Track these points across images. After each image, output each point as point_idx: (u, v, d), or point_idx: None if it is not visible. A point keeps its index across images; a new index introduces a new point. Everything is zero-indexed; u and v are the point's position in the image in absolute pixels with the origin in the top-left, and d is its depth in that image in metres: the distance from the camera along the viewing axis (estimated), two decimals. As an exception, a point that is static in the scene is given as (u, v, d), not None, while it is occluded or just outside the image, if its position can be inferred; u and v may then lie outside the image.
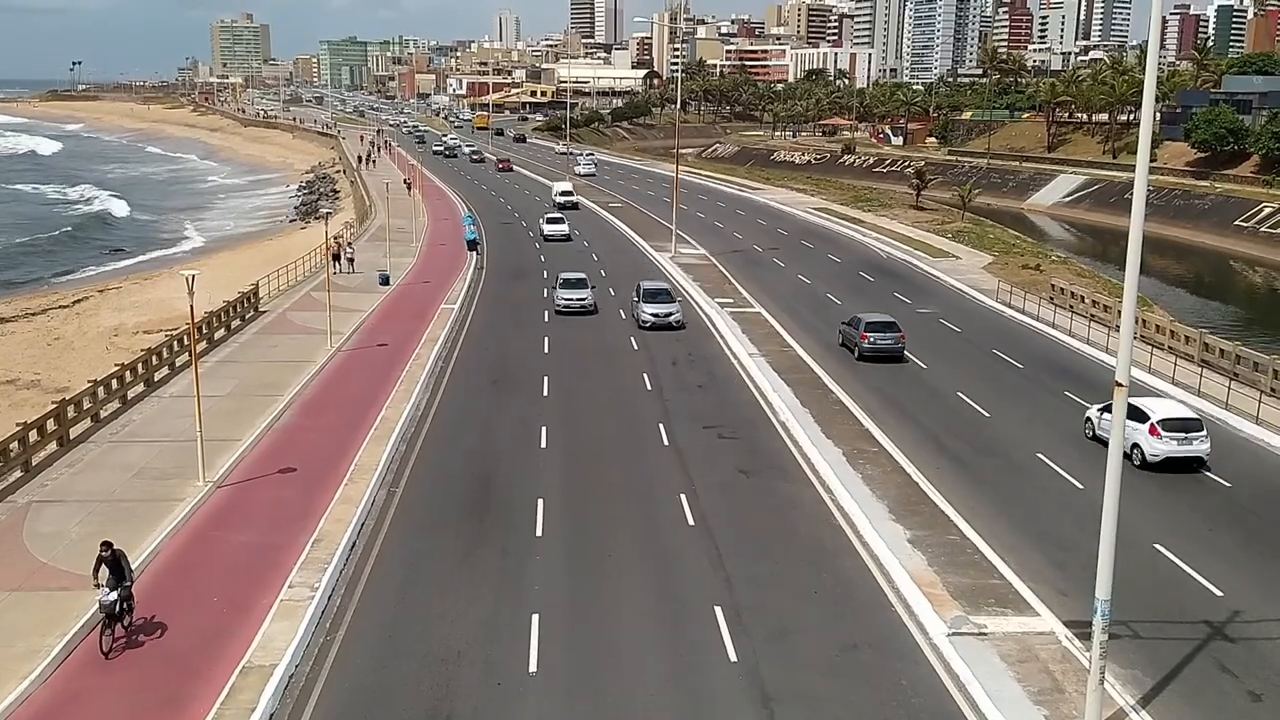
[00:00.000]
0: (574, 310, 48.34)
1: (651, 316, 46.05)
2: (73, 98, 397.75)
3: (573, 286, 49.73)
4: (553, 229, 73.67)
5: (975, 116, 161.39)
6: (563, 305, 48.66)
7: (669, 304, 47.00)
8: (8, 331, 55.26)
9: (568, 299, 48.94)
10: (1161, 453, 29.20)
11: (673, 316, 46.22)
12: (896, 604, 21.76)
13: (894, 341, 41.28)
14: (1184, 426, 29.51)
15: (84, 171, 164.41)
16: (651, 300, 46.92)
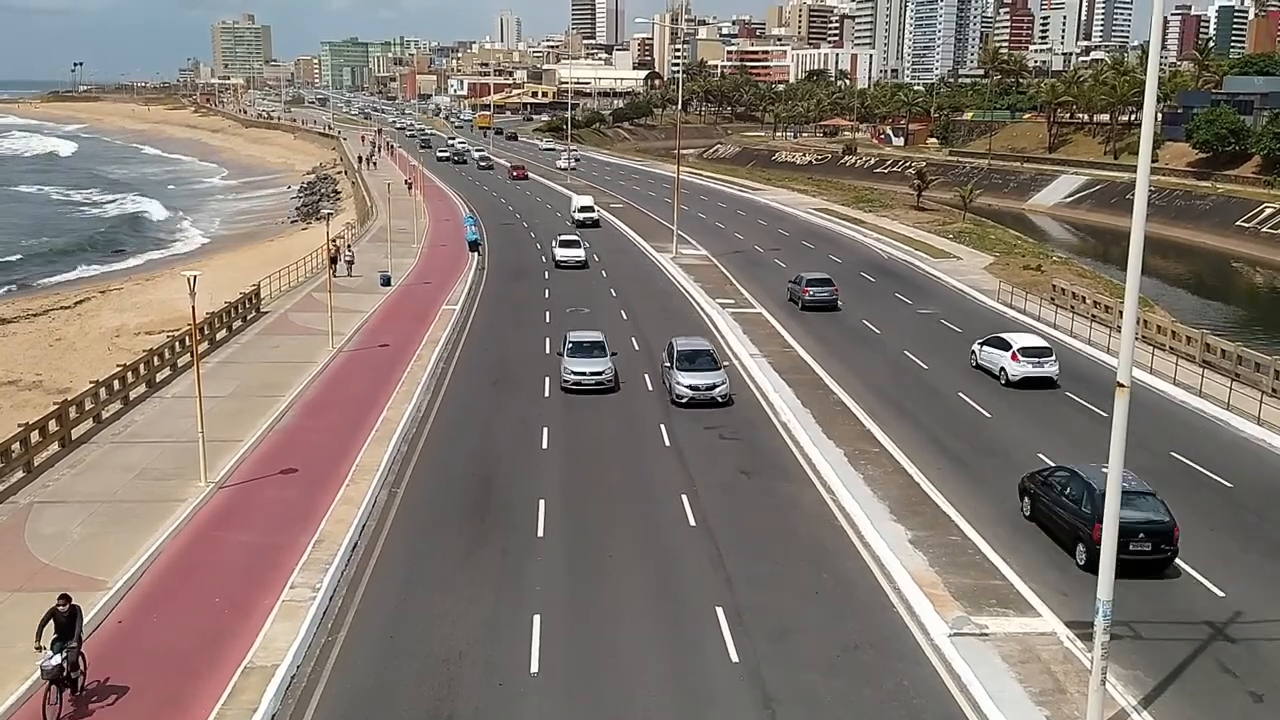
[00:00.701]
0: (586, 389, 36.01)
1: (689, 390, 34.18)
2: (74, 99, 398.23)
3: (586, 353, 36.94)
4: (566, 253, 62.34)
5: (976, 117, 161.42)
6: (572, 382, 36.07)
7: (712, 371, 34.98)
8: (10, 332, 55.29)
9: (578, 373, 36.08)
10: (1020, 373, 37.19)
11: (718, 390, 34.26)
12: (898, 604, 21.75)
13: (830, 294, 50.98)
14: (1038, 353, 37.58)
15: (105, 171, 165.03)
16: (689, 367, 34.94)
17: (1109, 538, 17.13)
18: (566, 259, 61.79)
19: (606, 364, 36.63)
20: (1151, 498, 23.39)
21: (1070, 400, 36.29)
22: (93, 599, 20.82)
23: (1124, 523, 19.04)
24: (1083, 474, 24.19)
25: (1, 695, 17.66)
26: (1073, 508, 23.87)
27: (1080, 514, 23.42)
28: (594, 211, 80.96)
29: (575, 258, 61.68)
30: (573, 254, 61.97)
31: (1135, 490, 22.88)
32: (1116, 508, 17.17)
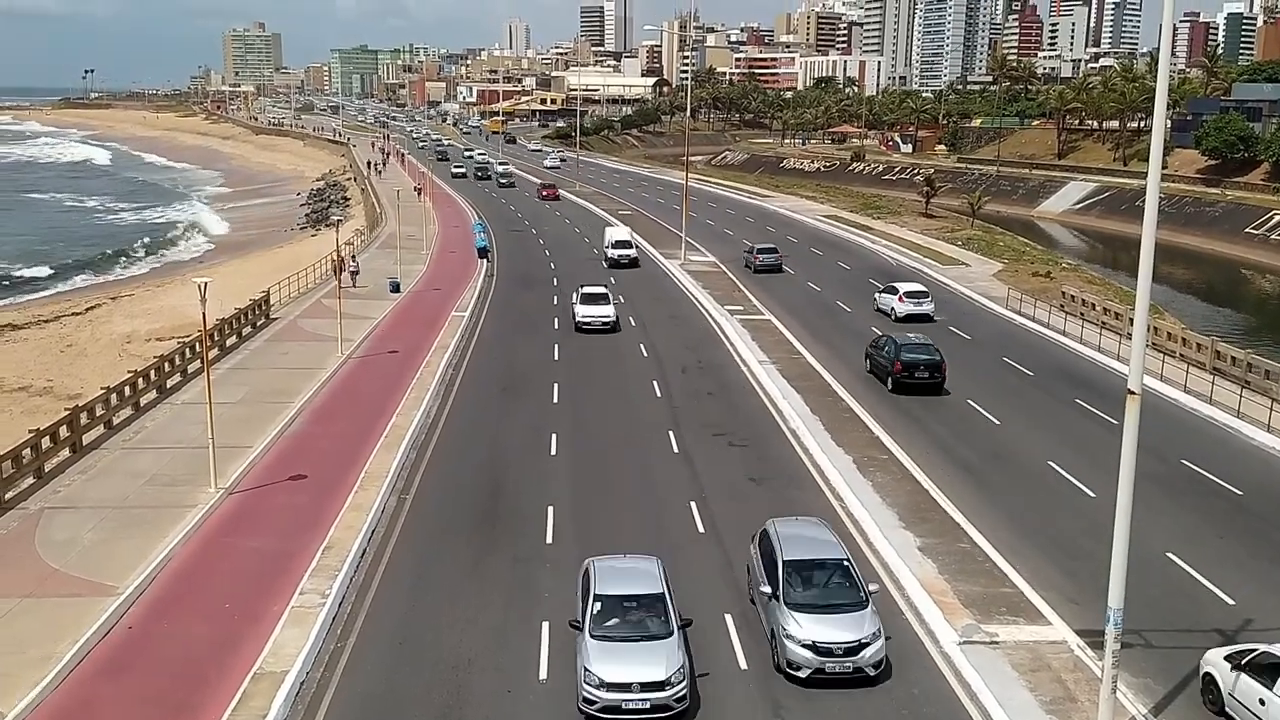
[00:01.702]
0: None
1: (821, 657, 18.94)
2: (85, 106, 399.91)
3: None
4: (590, 312, 46.68)
5: (985, 124, 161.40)
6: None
7: (859, 612, 19.55)
8: (21, 338, 55.57)
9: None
10: (904, 311, 49.07)
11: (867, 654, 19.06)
12: (907, 612, 21.71)
13: (775, 259, 64.22)
14: (917, 295, 50.17)
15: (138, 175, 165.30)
16: (820, 604, 19.66)
17: (1119, 551, 17.07)
18: (590, 319, 46.29)
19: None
20: (930, 345, 38.30)
21: (1080, 407, 36.19)
22: (103, 604, 20.90)
23: (912, 360, 37.15)
24: (895, 338, 39.16)
25: (13, 700, 17.69)
26: (886, 357, 38.19)
27: (889, 360, 37.82)
28: (633, 248, 66.71)
29: (602, 318, 46.49)
30: (598, 313, 46.63)
31: (919, 343, 38.36)
32: (1127, 525, 17.07)
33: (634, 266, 64.82)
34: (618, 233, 69.16)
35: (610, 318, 46.92)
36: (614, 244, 66.48)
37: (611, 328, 44.71)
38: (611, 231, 69.31)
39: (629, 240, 67.66)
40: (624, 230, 70.73)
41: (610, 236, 67.95)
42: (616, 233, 69.04)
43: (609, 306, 47.37)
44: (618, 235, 68.15)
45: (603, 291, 48.98)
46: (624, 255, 65.65)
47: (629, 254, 65.94)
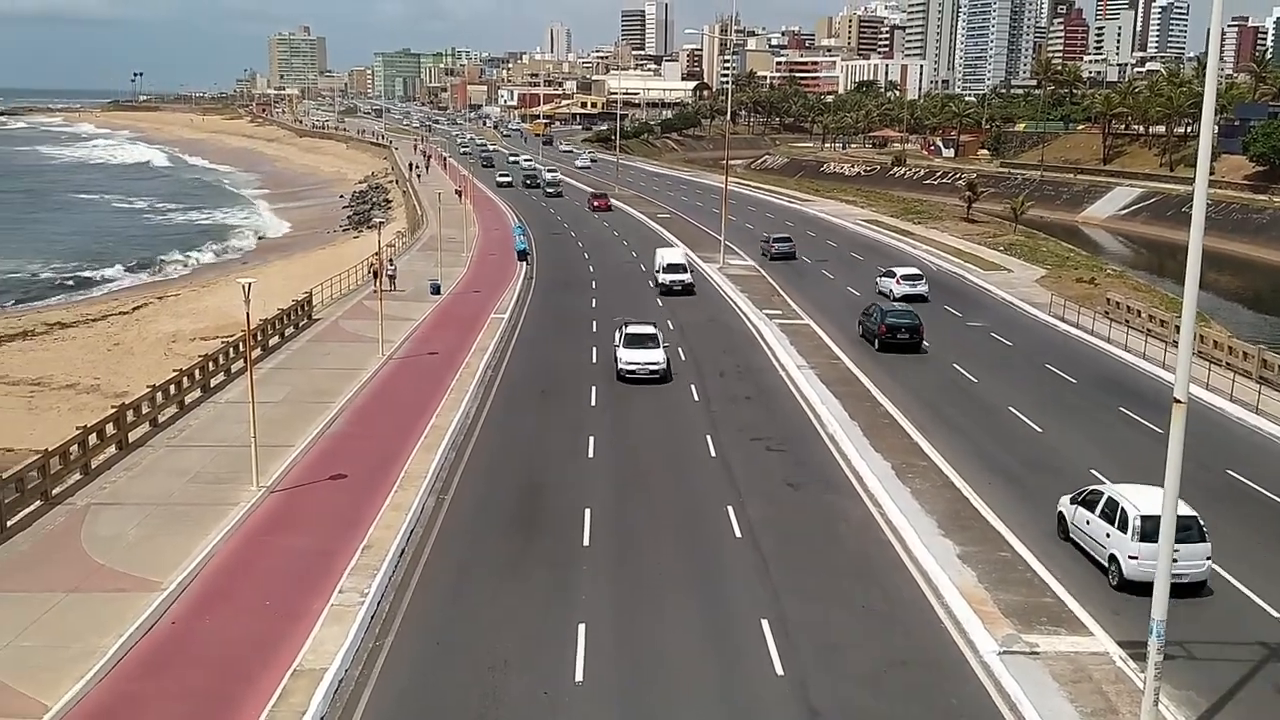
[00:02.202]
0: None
1: None
2: (134, 108, 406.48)
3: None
4: (635, 359, 38.81)
5: (1029, 128, 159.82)
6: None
7: None
8: (69, 337, 56.51)
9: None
10: (901, 292, 55.06)
11: None
12: (946, 620, 21.53)
13: (789, 248, 69.81)
14: (912, 278, 56.68)
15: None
16: None
17: (1163, 566, 16.83)
18: (635, 367, 38.58)
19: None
20: (910, 312, 46.32)
21: (1125, 416, 35.73)
22: (147, 600, 21.21)
23: (894, 324, 44.37)
24: (881, 306, 47.43)
25: (57, 693, 17.99)
26: (874, 322, 45.41)
27: (876, 325, 45.04)
28: (688, 273, 57.27)
29: (650, 365, 38.61)
30: (645, 360, 38.62)
31: (901, 310, 47.06)
32: (1171, 535, 16.83)
33: (689, 294, 55.18)
34: (671, 254, 59.02)
35: (659, 364, 38.63)
36: (666, 267, 56.96)
37: (662, 377, 37.64)
38: (664, 253, 59.19)
39: (684, 264, 57.59)
40: (678, 251, 60.31)
41: (662, 259, 58.28)
42: (669, 254, 58.95)
43: (658, 351, 39.19)
44: (671, 257, 58.32)
45: (650, 332, 40.05)
46: (678, 281, 56.03)
47: (684, 279, 56.28)
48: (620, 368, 38.68)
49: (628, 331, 40.00)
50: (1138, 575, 22.05)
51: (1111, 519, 23.26)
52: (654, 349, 39.22)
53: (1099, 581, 23.28)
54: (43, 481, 26.05)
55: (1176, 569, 20.35)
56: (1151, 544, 20.90)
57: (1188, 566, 22.02)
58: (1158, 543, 18.17)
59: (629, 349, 39.00)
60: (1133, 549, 22.36)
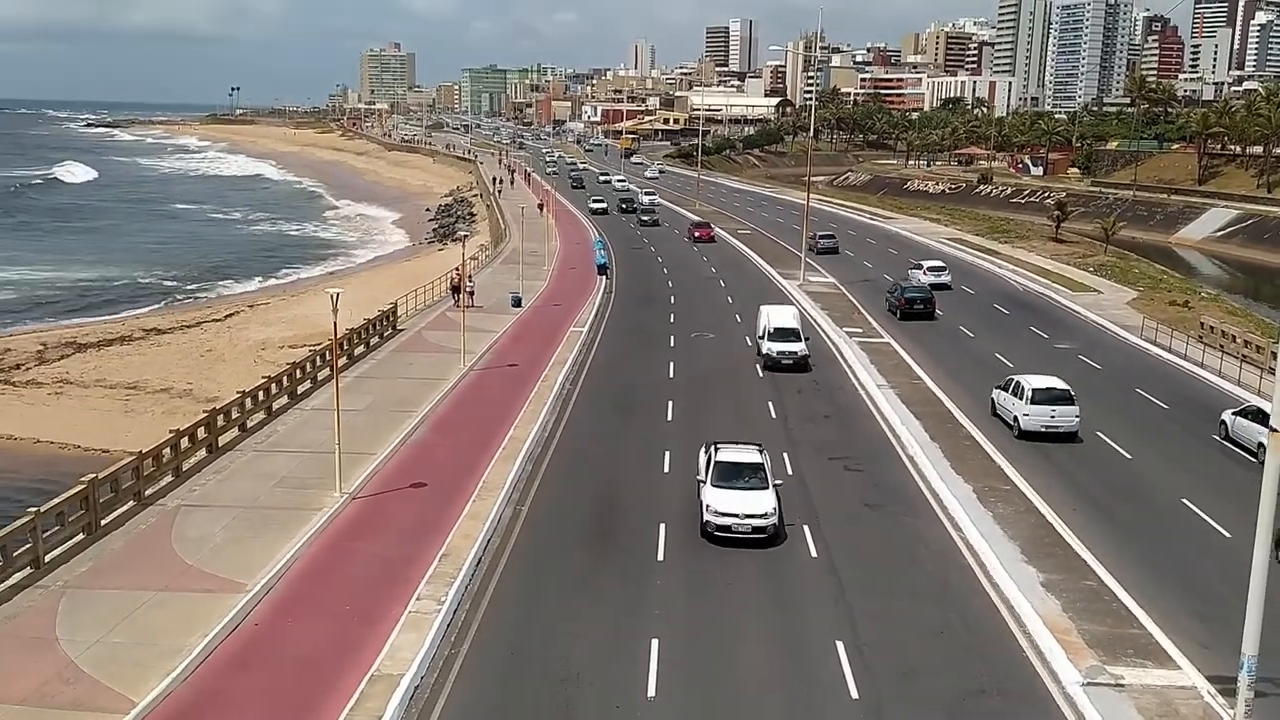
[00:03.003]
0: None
1: None
2: (231, 121, 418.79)
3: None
4: (729, 504, 25.69)
5: (1121, 147, 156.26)
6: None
7: None
8: (165, 343, 58.31)
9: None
10: (929, 281, 61.88)
11: None
12: (1028, 649, 21.05)
13: (833, 243, 79.11)
14: (937, 269, 65.81)
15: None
16: None
17: (1256, 595, 16.28)
18: (729, 519, 25.52)
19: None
20: (924, 287, 57.48)
21: (1217, 444, 34.62)
22: (232, 601, 21.73)
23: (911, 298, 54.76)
24: (900, 283, 57.96)
25: (144, 689, 18.51)
26: (896, 297, 55.73)
27: (897, 299, 55.22)
28: (801, 341, 43.45)
29: (750, 517, 25.49)
30: (742, 505, 25.61)
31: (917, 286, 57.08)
32: (1265, 567, 16.27)
33: (803, 370, 42.76)
34: (779, 314, 45.53)
35: (768, 515, 25.37)
36: (773, 333, 43.45)
37: (771, 534, 25.38)
38: (771, 313, 45.37)
39: (797, 329, 44.00)
40: (788, 311, 46.50)
41: (767, 319, 44.67)
42: (777, 314, 45.46)
43: (765, 494, 25.73)
44: (779, 318, 44.79)
45: (752, 460, 26.77)
46: (788, 354, 42.66)
47: (796, 351, 42.79)
48: (706, 520, 25.22)
49: (719, 459, 26.55)
50: (1029, 426, 34.37)
51: (1017, 393, 35.13)
52: (758, 487, 25.75)
53: (1188, 613, 22.57)
54: (136, 483, 26.88)
55: (1055, 422, 34.18)
56: (1038, 407, 34.28)
57: (1063, 421, 34.20)
58: (1042, 405, 34.12)
59: (721, 488, 25.65)
60: (1025, 409, 34.47)
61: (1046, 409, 34.29)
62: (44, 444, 41.01)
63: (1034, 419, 34.17)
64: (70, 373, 50.62)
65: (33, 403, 46.01)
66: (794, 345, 43.18)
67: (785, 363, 42.86)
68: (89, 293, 79.35)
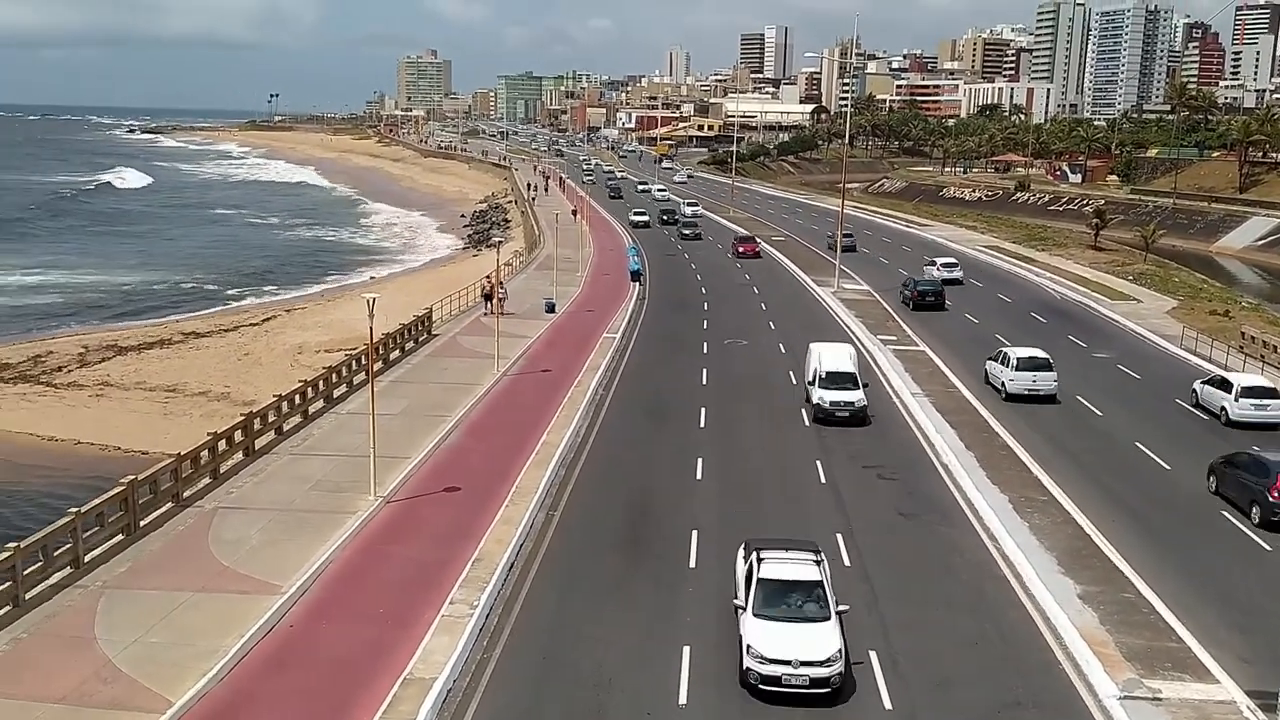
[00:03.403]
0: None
1: None
2: (269, 128, 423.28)
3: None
4: (782, 654, 19.17)
5: (1161, 154, 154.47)
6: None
7: None
8: (203, 346, 58.97)
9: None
10: (942, 277, 66.87)
11: None
12: (1064, 661, 20.82)
13: (851, 241, 77.48)
14: (950, 265, 70.52)
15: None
16: None
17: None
18: (779, 665, 19.25)
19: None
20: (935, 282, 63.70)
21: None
22: (268, 603, 21.94)
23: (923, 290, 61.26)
24: (914, 278, 63.43)
25: (181, 689, 18.70)
26: (910, 289, 61.42)
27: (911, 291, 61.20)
28: (859, 388, 36.99)
29: (809, 664, 19.19)
30: (799, 649, 19.33)
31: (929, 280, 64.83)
32: None
33: (862, 423, 36.28)
34: (832, 355, 38.33)
35: (831, 660, 19.39)
36: (826, 377, 36.89)
37: (830, 689, 19.40)
38: (822, 353, 38.33)
39: (854, 373, 37.40)
40: (844, 352, 39.14)
41: (819, 361, 37.75)
42: (830, 355, 38.25)
43: (825, 633, 19.83)
44: (833, 360, 37.79)
45: (808, 577, 20.98)
46: (844, 404, 36.21)
47: (854, 401, 36.30)
48: (748, 666, 19.51)
49: (762, 575, 20.80)
50: (1014, 390, 39.70)
51: (1004, 362, 40.89)
52: (815, 618, 20.04)
53: (1228, 626, 22.25)
54: (174, 484, 27.21)
55: (1036, 386, 39.59)
56: (1022, 373, 39.76)
57: (1043, 385, 39.59)
58: (1026, 372, 39.71)
59: (767, 616, 20.09)
60: (1010, 376, 40.04)
61: (1029, 375, 39.81)
62: (85, 445, 41.61)
63: (1018, 383, 39.81)
64: (111, 375, 51.33)
65: (74, 405, 46.69)
66: (850, 394, 36.56)
67: (840, 415, 36.11)
68: (132, 296, 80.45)
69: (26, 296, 79.51)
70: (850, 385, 36.97)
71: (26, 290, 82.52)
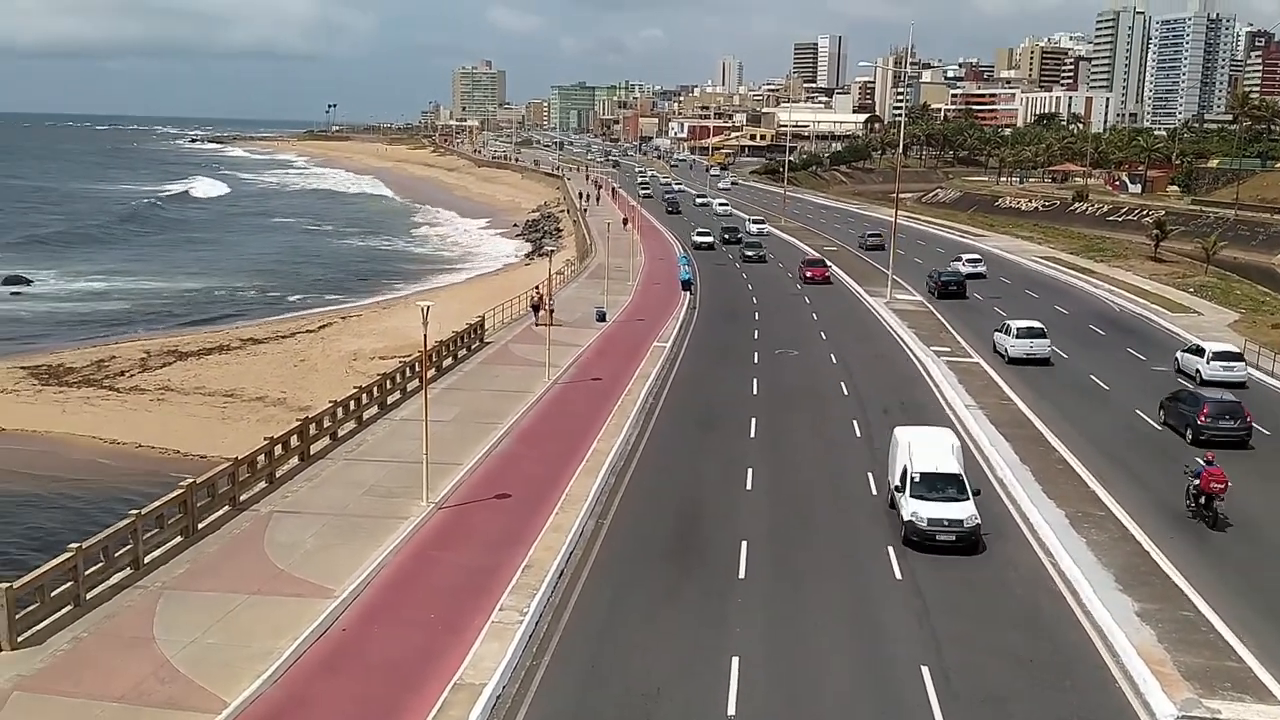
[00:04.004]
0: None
1: None
2: (327, 138, 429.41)
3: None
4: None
5: (1222, 165, 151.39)
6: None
7: None
8: (261, 352, 59.90)
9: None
10: (965, 271, 73.61)
11: None
12: (1120, 680, 20.45)
13: (879, 240, 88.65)
14: (974, 260, 77.80)
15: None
16: None
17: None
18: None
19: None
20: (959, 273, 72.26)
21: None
22: (321, 606, 22.21)
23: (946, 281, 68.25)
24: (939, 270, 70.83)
25: (236, 690, 18.98)
26: (935, 280, 67.96)
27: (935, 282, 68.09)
28: (968, 496, 27.00)
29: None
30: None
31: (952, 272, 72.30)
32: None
33: (973, 550, 26.37)
34: (928, 446, 28.51)
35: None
36: (922, 480, 27.17)
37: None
38: (916, 443, 28.57)
39: (960, 474, 27.60)
40: (944, 442, 29.09)
41: (910, 454, 28.06)
42: (925, 446, 28.44)
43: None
44: (929, 453, 28.09)
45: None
46: (951, 523, 26.23)
47: (962, 519, 26.33)
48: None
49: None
50: (1014, 354, 47.89)
51: (1006, 332, 49.22)
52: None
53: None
54: (232, 488, 27.67)
55: (1032, 350, 47.70)
56: (1021, 340, 47.97)
57: (1038, 350, 47.81)
58: (1024, 339, 47.91)
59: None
60: (1011, 343, 48.32)
61: (1026, 342, 47.96)
62: (145, 448, 42.46)
63: (1018, 349, 47.87)
64: (171, 380, 52.34)
65: (135, 409, 47.67)
66: (956, 507, 26.30)
67: (943, 539, 26.01)
68: (193, 304, 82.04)
69: (94, 302, 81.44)
70: (955, 493, 26.79)
71: (94, 296, 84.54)
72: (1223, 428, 35.33)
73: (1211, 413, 35.61)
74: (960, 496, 26.94)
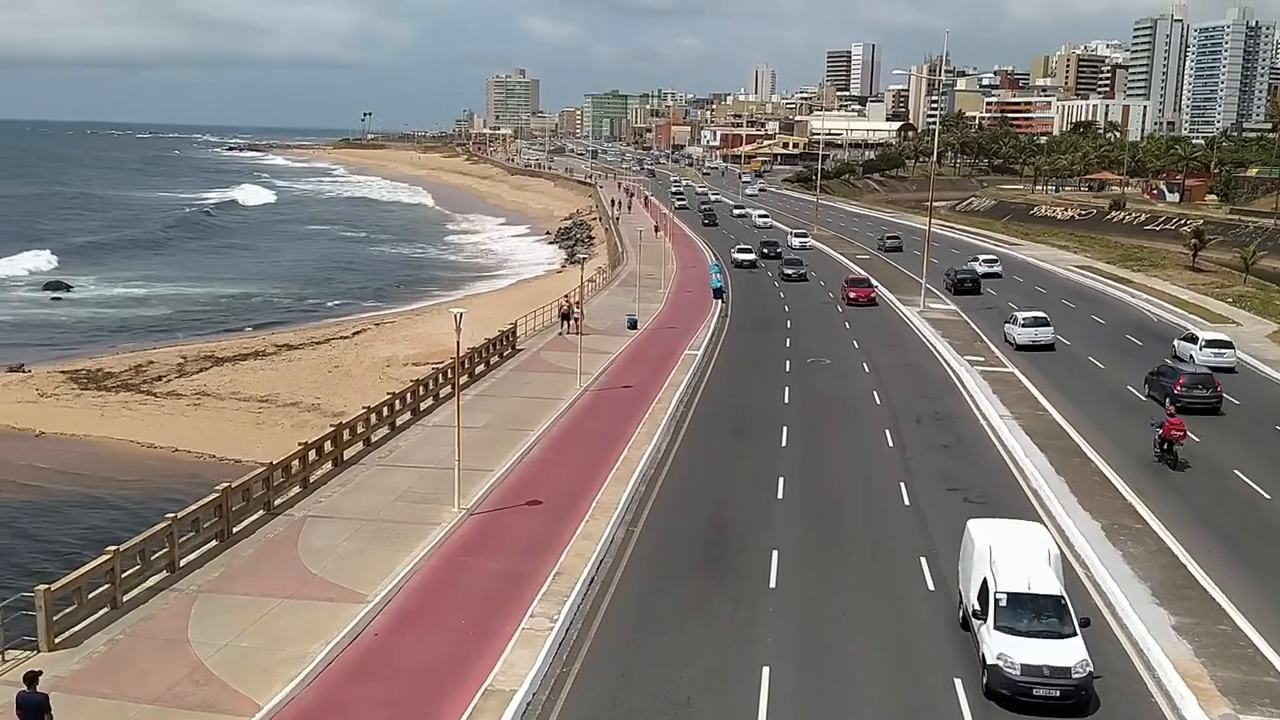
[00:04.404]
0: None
1: None
2: (362, 146, 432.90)
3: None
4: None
5: (1262, 173, 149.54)
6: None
7: None
8: (295, 358, 60.42)
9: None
10: (982, 271, 78.03)
11: None
12: (1157, 694, 20.21)
13: (898, 243, 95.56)
14: (991, 260, 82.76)
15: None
16: None
17: None
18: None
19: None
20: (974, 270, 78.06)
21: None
22: (353, 611, 22.36)
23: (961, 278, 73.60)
24: (955, 267, 75.86)
25: (269, 693, 19.14)
26: (951, 277, 72.73)
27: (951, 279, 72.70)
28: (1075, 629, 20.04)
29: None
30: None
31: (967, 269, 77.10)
32: None
33: (1083, 710, 19.63)
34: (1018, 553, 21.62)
35: None
36: (1009, 604, 20.36)
37: None
38: (999, 548, 21.61)
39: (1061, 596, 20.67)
40: (1038, 545, 22.33)
41: (992, 565, 21.13)
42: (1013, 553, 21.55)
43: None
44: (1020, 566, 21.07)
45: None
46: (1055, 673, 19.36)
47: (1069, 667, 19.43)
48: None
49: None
50: (1021, 341, 52.81)
51: (1014, 322, 54.27)
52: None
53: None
54: (266, 493, 27.93)
55: (1037, 338, 52.69)
56: (1027, 329, 53.14)
57: (1043, 337, 52.76)
58: (1030, 328, 53.42)
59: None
60: (1019, 331, 53.36)
61: (1032, 329, 53.16)
62: (182, 453, 42.94)
63: (1024, 336, 53.05)
64: (208, 385, 52.91)
65: (172, 413, 48.22)
66: (1061, 648, 19.80)
67: (1041, 695, 19.39)
68: (231, 310, 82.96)
69: (133, 308, 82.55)
70: (1058, 625, 20.19)
71: (133, 302, 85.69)
72: (1196, 395, 40.35)
73: (1186, 383, 40.74)
74: (1065, 630, 19.95)
